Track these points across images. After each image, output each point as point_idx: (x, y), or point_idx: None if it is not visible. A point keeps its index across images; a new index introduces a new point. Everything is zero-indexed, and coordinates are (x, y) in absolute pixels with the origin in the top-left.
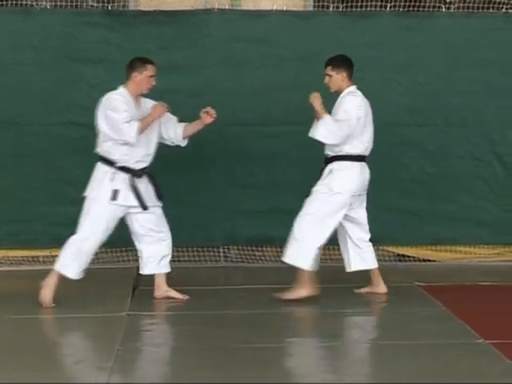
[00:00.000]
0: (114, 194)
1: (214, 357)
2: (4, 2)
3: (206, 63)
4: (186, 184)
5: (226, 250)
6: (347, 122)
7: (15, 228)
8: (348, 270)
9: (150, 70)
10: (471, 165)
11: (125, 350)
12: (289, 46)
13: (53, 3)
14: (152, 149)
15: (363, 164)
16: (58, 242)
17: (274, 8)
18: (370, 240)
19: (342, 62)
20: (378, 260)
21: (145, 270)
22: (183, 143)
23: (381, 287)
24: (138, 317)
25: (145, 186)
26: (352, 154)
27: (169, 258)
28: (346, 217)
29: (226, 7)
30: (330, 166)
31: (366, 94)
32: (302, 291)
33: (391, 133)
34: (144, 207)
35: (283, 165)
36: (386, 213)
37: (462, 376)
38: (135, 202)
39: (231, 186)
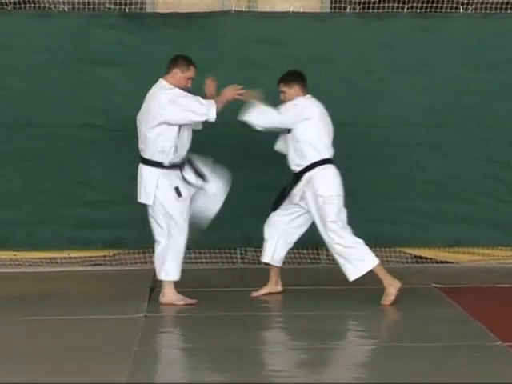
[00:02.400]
0: (178, 192)
1: (232, 358)
2: (22, 5)
3: (222, 64)
4: None
5: (243, 252)
6: (281, 111)
7: (32, 230)
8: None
9: (191, 72)
10: (489, 166)
11: (142, 352)
12: (305, 48)
13: (70, 6)
14: (190, 141)
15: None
16: (74, 243)
17: (291, 9)
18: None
19: (293, 77)
20: (395, 262)
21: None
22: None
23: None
24: (155, 318)
25: (191, 172)
26: (323, 159)
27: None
28: None
29: (243, 9)
30: (307, 175)
31: (383, 95)
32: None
33: (408, 134)
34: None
35: None
36: (403, 214)
37: (479, 378)
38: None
39: (248, 187)
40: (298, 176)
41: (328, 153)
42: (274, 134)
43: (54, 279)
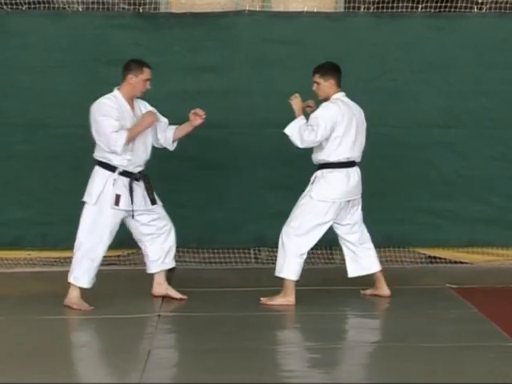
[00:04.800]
0: (117, 199)
1: (245, 358)
2: (36, 6)
3: (236, 65)
4: (216, 186)
5: (256, 252)
6: (314, 127)
7: (46, 229)
8: (348, 275)
9: (145, 74)
10: (503, 166)
11: (156, 351)
12: (319, 48)
13: (84, 6)
14: (149, 153)
15: (350, 170)
16: None
17: (305, 9)
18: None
19: (329, 70)
20: (410, 262)
21: (152, 269)
22: (172, 147)
23: (384, 290)
24: (169, 318)
25: (141, 189)
26: (332, 162)
27: (173, 253)
28: (336, 223)
29: (257, 9)
30: (315, 174)
31: (398, 95)
32: (284, 300)
33: (423, 134)
34: (147, 208)
35: (314, 166)
36: (418, 214)
37: (493, 378)
38: (136, 206)
39: (262, 187)
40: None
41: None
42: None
43: (67, 279)
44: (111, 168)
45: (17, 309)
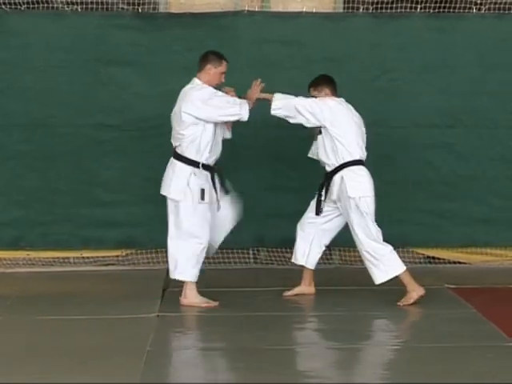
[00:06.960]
0: (202, 194)
1: (244, 358)
2: (36, 5)
3: (235, 65)
4: None
5: (255, 252)
6: (308, 102)
7: (46, 229)
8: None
9: (223, 67)
10: (502, 167)
11: (155, 352)
12: (318, 48)
13: (84, 6)
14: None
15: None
16: (88, 243)
17: (304, 10)
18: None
19: (321, 81)
20: (408, 262)
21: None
22: (229, 135)
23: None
24: (167, 318)
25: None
26: (355, 159)
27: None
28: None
29: (256, 9)
30: (337, 176)
31: (397, 96)
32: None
33: (421, 134)
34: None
35: (314, 167)
36: (417, 215)
37: (492, 378)
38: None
39: (262, 188)
40: (329, 176)
41: (359, 154)
42: (290, 136)
43: (66, 279)
44: (193, 162)
45: (16, 309)
